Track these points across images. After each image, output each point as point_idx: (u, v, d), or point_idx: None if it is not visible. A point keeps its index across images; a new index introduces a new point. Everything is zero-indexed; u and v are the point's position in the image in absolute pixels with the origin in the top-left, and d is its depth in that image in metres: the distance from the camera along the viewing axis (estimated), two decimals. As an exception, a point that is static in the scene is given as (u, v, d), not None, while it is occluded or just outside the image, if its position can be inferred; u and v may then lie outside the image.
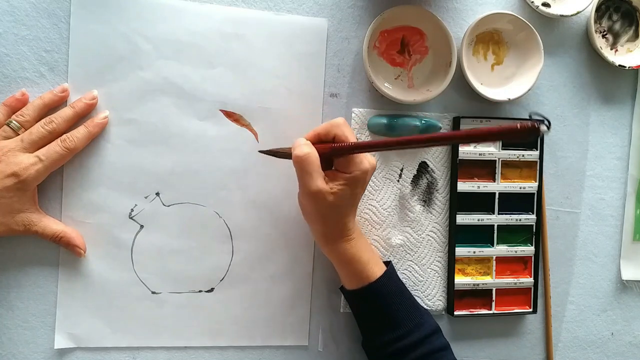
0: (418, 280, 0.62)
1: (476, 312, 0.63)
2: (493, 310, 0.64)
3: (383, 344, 0.54)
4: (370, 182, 0.61)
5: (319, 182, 0.49)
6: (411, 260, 0.62)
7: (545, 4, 0.63)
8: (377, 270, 0.54)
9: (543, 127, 0.39)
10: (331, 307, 0.61)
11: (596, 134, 0.68)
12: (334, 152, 0.51)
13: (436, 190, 0.63)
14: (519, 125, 0.40)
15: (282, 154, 0.54)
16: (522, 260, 0.65)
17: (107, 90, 0.55)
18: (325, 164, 0.51)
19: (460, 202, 0.63)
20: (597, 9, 0.65)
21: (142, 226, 0.56)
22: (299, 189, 0.52)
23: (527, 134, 0.40)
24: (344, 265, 0.54)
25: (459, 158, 0.62)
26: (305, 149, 0.50)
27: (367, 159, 0.51)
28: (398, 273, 0.59)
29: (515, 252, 0.64)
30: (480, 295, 0.64)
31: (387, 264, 0.57)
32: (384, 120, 0.60)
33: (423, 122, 0.61)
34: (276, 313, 0.59)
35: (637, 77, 0.69)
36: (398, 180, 0.62)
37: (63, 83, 0.54)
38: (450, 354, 0.55)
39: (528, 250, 0.65)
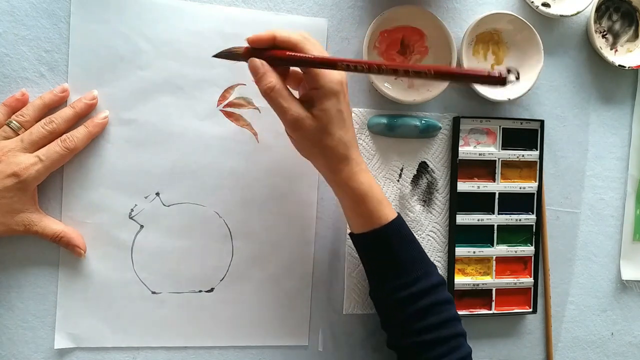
0: (418, 280, 0.62)
1: (476, 312, 0.63)
2: (493, 310, 0.64)
3: (390, 290, 0.52)
4: (370, 182, 0.61)
5: (294, 109, 0.47)
6: (411, 260, 0.62)
7: (545, 4, 0.63)
8: (389, 212, 0.52)
9: (510, 77, 0.42)
10: (331, 307, 0.61)
11: (596, 134, 0.68)
12: (281, 61, 0.47)
13: (436, 190, 0.63)
14: (487, 73, 0.42)
15: (237, 54, 0.50)
16: (522, 260, 0.65)
17: (107, 90, 0.55)
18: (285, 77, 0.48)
19: (460, 202, 0.63)
20: (597, 9, 0.65)
21: (142, 226, 0.56)
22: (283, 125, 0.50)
23: (494, 81, 0.42)
24: (355, 204, 0.51)
25: (459, 158, 0.62)
26: (270, 79, 0.46)
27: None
28: None
29: (515, 252, 0.64)
30: (480, 295, 0.64)
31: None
32: (384, 120, 0.60)
33: (423, 122, 0.61)
34: (276, 313, 0.59)
35: (637, 77, 0.69)
36: (398, 180, 0.62)
37: (63, 83, 0.54)
38: (453, 309, 0.54)
39: (528, 250, 0.65)
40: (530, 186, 0.64)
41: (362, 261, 0.57)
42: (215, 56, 0.50)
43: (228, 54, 0.50)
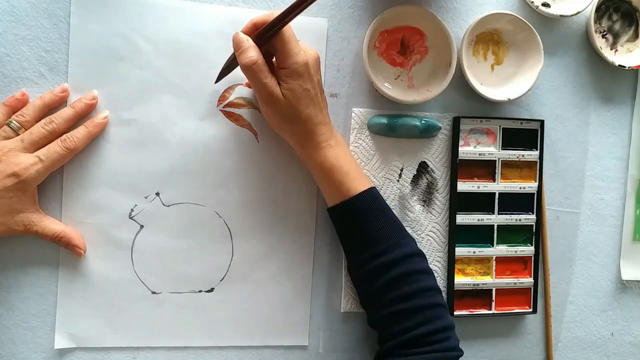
0: (418, 280, 0.62)
1: (476, 312, 0.63)
2: (493, 311, 0.64)
3: (362, 262, 0.53)
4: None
5: (271, 85, 0.49)
6: (411, 260, 0.62)
7: (545, 4, 0.63)
8: (359, 184, 0.53)
9: None
10: (331, 307, 0.61)
11: (596, 134, 0.68)
12: (260, 38, 0.49)
13: (436, 190, 0.63)
14: None
15: (230, 66, 0.53)
16: (522, 260, 0.65)
17: (107, 90, 0.55)
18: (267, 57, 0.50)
19: (460, 202, 0.63)
20: (597, 9, 0.65)
21: (142, 226, 0.56)
22: (257, 100, 0.52)
23: None
24: (323, 177, 0.54)
25: (459, 158, 0.62)
26: (252, 53, 0.48)
27: (303, 51, 0.50)
28: None
29: (515, 252, 0.64)
30: (480, 295, 0.64)
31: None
32: (384, 120, 0.60)
33: (423, 122, 0.61)
34: (276, 313, 0.59)
35: (637, 77, 0.69)
36: (398, 180, 0.62)
37: (63, 83, 0.54)
38: (431, 280, 0.54)
39: (528, 250, 0.65)
40: (530, 186, 0.64)
41: (338, 237, 0.58)
42: (217, 82, 0.54)
43: (225, 70, 0.53)
